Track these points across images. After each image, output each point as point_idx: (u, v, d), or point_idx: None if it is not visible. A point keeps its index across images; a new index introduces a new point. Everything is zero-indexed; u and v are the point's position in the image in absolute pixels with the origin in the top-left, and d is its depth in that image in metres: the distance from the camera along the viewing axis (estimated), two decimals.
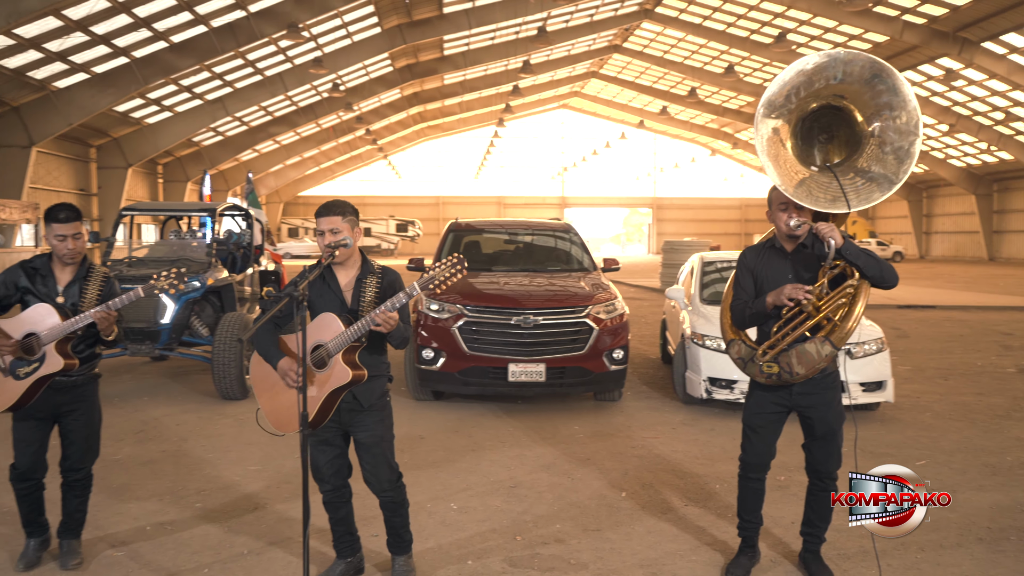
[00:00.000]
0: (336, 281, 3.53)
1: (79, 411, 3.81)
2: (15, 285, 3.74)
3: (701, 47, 37.58)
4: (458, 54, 36.69)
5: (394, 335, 3.40)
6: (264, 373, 3.54)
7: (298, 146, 45.74)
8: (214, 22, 24.75)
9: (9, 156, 26.46)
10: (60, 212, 3.72)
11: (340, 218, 3.48)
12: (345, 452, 3.66)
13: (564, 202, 60.96)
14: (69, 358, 3.62)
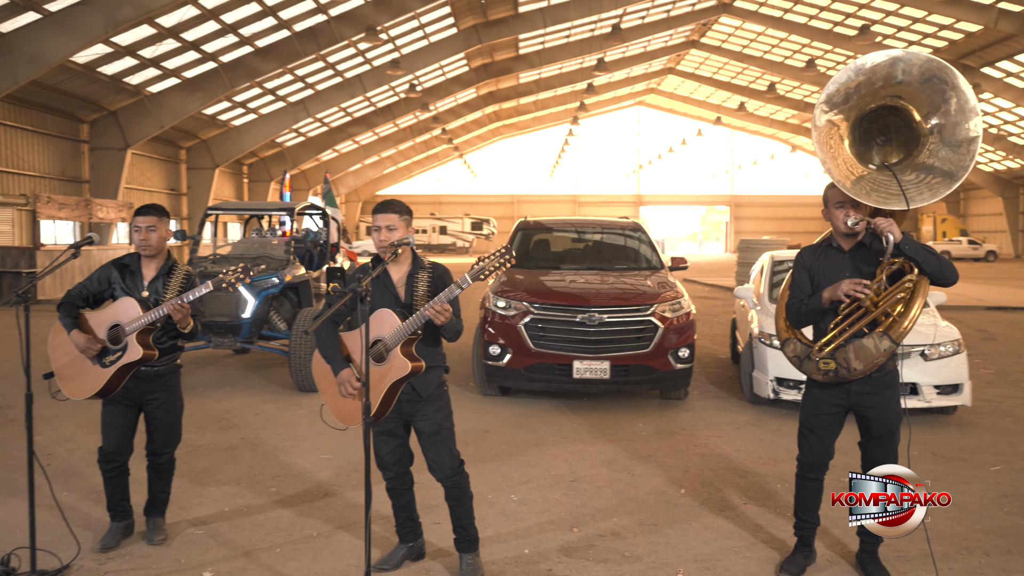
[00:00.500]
0: (390, 277, 3.69)
1: (162, 399, 4.06)
2: (108, 280, 4.03)
3: (781, 41, 36.75)
4: (533, 53, 36.84)
5: (447, 327, 3.52)
6: (324, 370, 3.72)
7: (376, 146, 46.69)
8: (296, 26, 25.54)
9: (107, 158, 27.92)
10: (141, 207, 4.01)
11: (397, 216, 3.64)
12: (406, 442, 3.82)
13: (640, 200, 60.48)
14: (149, 348, 3.86)
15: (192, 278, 4.11)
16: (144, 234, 3.97)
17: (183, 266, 4.14)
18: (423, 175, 59.31)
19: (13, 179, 24.48)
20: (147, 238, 3.97)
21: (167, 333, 4.02)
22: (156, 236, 4.00)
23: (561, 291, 7.40)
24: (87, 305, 4.00)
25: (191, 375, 8.94)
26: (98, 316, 3.91)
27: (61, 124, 26.54)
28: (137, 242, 3.98)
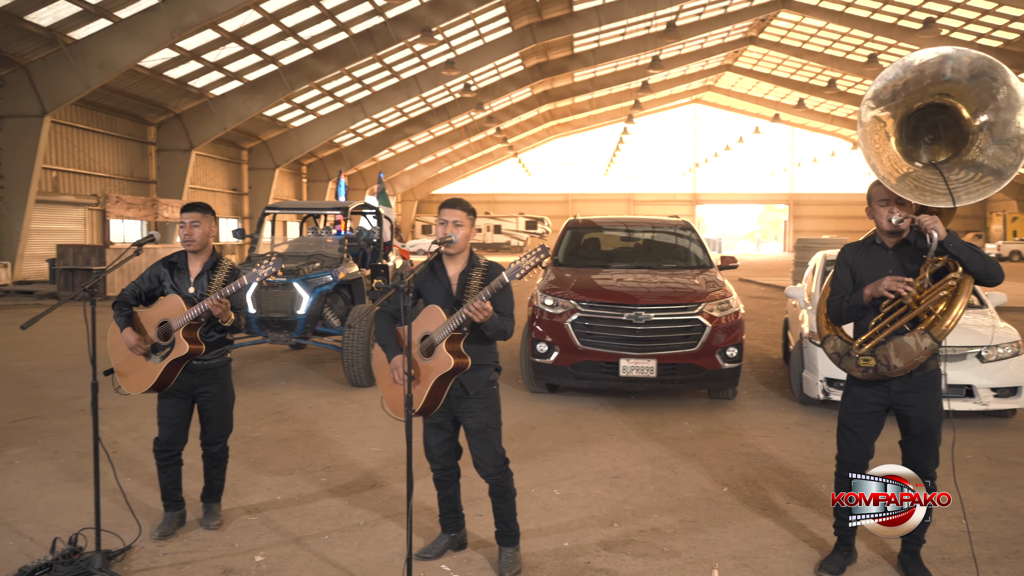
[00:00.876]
0: (445, 273, 3.79)
1: (212, 391, 4.21)
2: (157, 278, 4.18)
3: (843, 36, 35.95)
4: (588, 51, 36.76)
5: (488, 326, 3.58)
6: (381, 363, 3.86)
7: (432, 145, 47.16)
8: (354, 29, 26.01)
9: (172, 159, 28.86)
10: (187, 204, 4.17)
11: (464, 213, 3.74)
12: (455, 436, 3.92)
13: (696, 199, 59.83)
14: (195, 343, 3.99)
15: (235, 272, 4.18)
16: (188, 229, 4.10)
17: (227, 261, 4.25)
18: (478, 174, 59.67)
19: (85, 180, 25.48)
20: (191, 233, 4.10)
21: (213, 327, 4.15)
22: (200, 232, 4.12)
23: (608, 289, 7.44)
24: (139, 303, 4.17)
25: (249, 369, 9.24)
26: (149, 313, 4.08)
27: (130, 126, 27.52)
28: (182, 237, 4.12)
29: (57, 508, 4.57)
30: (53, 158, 23.80)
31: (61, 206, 24.18)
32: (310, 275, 8.28)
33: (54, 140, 23.70)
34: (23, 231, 21.31)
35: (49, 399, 7.47)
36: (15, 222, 21.25)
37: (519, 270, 3.43)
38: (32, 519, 4.40)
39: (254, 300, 8.20)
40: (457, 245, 3.72)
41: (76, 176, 25.05)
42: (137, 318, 4.09)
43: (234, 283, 3.92)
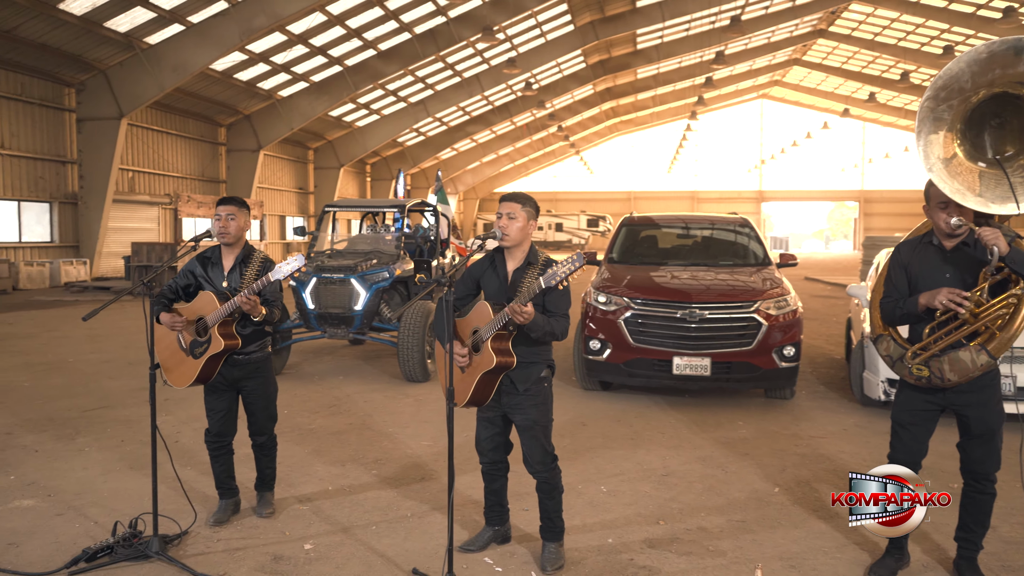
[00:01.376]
0: (504, 268, 3.79)
1: (253, 385, 4.29)
2: (192, 274, 4.24)
3: (917, 27, 34.75)
4: (651, 47, 36.41)
5: (532, 328, 3.55)
6: (442, 354, 3.91)
7: (494, 144, 47.39)
8: (417, 29, 26.33)
9: (241, 159, 29.69)
10: (223, 198, 4.24)
11: (520, 206, 3.72)
12: (505, 432, 3.93)
13: (761, 196, 58.67)
14: (230, 338, 4.06)
15: (268, 264, 4.19)
16: (224, 222, 4.15)
17: (260, 253, 4.27)
18: (539, 172, 59.66)
19: (159, 180, 26.42)
20: (226, 226, 4.15)
21: (248, 321, 4.18)
22: (235, 225, 4.17)
23: (662, 286, 7.37)
24: (178, 299, 4.26)
25: (309, 364, 9.45)
26: (186, 310, 4.17)
27: (201, 128, 28.42)
28: (217, 230, 4.15)
29: (120, 494, 4.76)
30: (129, 159, 24.74)
31: (136, 205, 25.14)
32: (367, 271, 8.43)
33: (130, 142, 24.64)
34: (101, 229, 22.24)
35: (118, 390, 7.78)
36: (94, 221, 22.19)
37: (555, 277, 3.40)
38: (97, 503, 4.60)
39: (312, 296, 8.39)
40: (510, 239, 3.70)
41: (150, 176, 25.99)
42: (177, 313, 4.18)
43: (261, 279, 3.96)
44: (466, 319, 3.76)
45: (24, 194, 21.07)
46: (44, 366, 9.15)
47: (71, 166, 22.40)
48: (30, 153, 21.08)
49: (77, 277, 21.29)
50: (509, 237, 3.71)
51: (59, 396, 7.54)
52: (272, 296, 4.17)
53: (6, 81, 20.20)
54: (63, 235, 22.36)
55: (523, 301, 3.47)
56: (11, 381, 8.27)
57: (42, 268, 20.53)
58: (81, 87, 21.91)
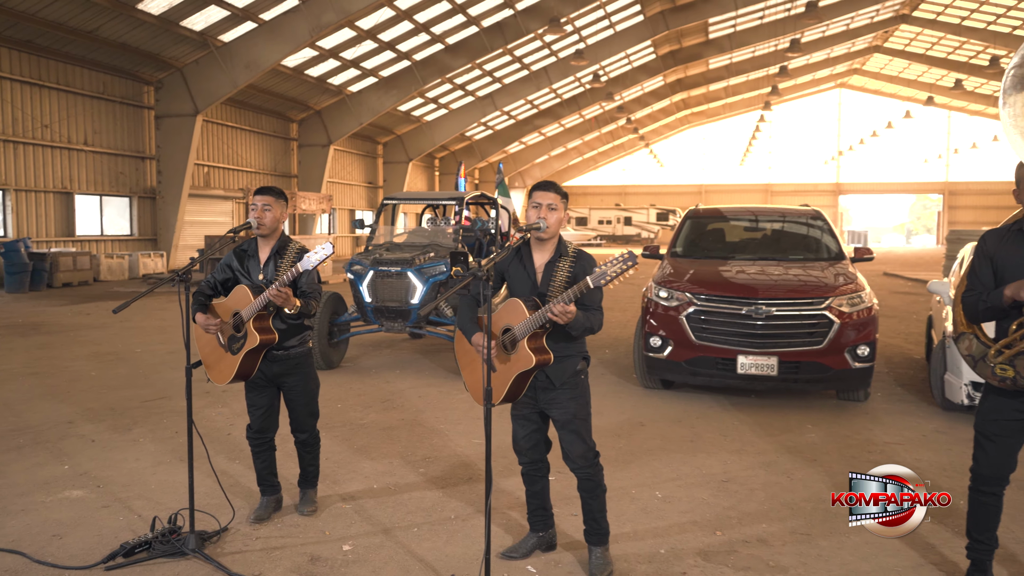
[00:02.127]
0: (532, 261, 3.61)
1: (294, 381, 4.18)
2: (229, 267, 4.15)
3: (1009, 10, 32.94)
4: (724, 37, 35.53)
5: (573, 326, 3.37)
6: (464, 349, 3.76)
7: (562, 137, 47.08)
8: (484, 22, 26.25)
9: (312, 154, 30.17)
10: (260, 188, 4.13)
11: (558, 196, 3.54)
12: (543, 428, 3.75)
13: (838, 188, 56.76)
14: (266, 333, 3.94)
15: (302, 255, 4.03)
16: (259, 212, 4.04)
17: (295, 244, 4.13)
18: (608, 166, 59.08)
19: (233, 174, 27.05)
20: (261, 216, 4.04)
21: (282, 316, 4.04)
22: (270, 216, 4.06)
23: (727, 282, 7.05)
24: (216, 293, 4.19)
25: (367, 357, 9.43)
26: (223, 305, 4.08)
27: (274, 123, 28.98)
28: (252, 218, 4.05)
29: (167, 487, 4.75)
30: (204, 154, 25.39)
31: (211, 199, 25.79)
32: (424, 265, 8.33)
33: (205, 137, 25.27)
34: (177, 223, 22.88)
35: (178, 382, 7.86)
36: (171, 215, 22.85)
37: (604, 276, 3.19)
38: (143, 496, 4.59)
39: (369, 289, 8.33)
40: (549, 231, 3.53)
41: (224, 171, 26.63)
42: (215, 310, 4.12)
43: (291, 270, 3.83)
44: (495, 316, 3.58)
45: (105, 189, 21.82)
46: (112, 356, 9.36)
47: (150, 162, 23.10)
48: (111, 149, 21.80)
49: (154, 269, 21.96)
50: (549, 229, 3.53)
51: (122, 386, 7.67)
52: (309, 288, 4.05)
53: (89, 80, 20.93)
54: (142, 228, 23.09)
55: (567, 301, 3.28)
56: (80, 370, 8.48)
57: (121, 260, 21.23)
58: (159, 85, 22.56)
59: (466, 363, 3.77)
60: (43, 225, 20.04)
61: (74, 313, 13.54)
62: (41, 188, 19.83)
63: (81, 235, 21.23)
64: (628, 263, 3.13)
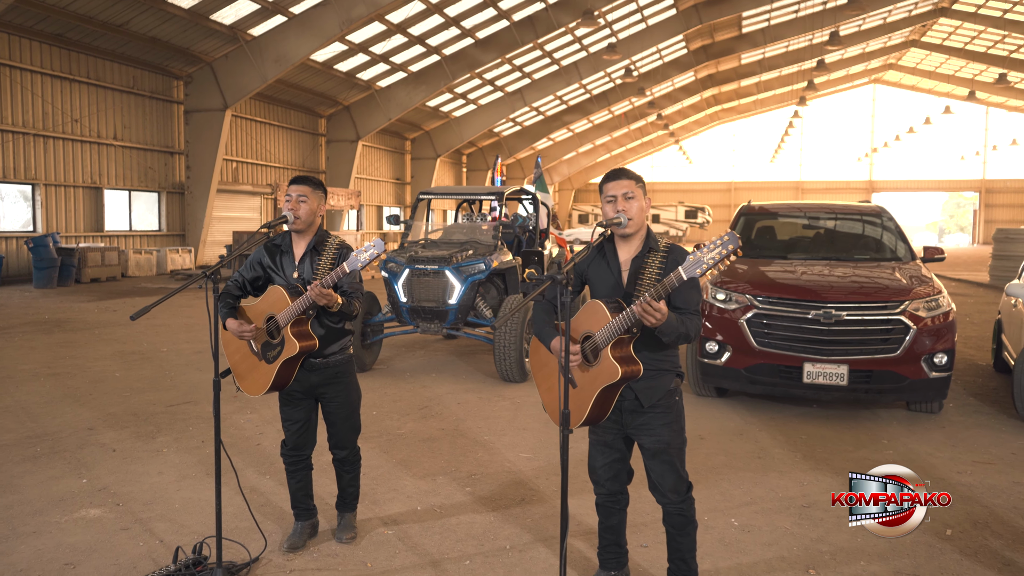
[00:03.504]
0: (616, 258, 3.14)
1: (334, 393, 3.76)
2: (259, 264, 3.73)
3: None
4: (757, 31, 34.75)
5: (665, 330, 2.90)
6: (541, 360, 3.30)
7: (590, 134, 46.49)
8: (515, 16, 25.77)
9: (340, 149, 29.89)
10: (297, 177, 3.69)
11: (634, 183, 3.09)
12: (626, 457, 3.28)
13: (872, 186, 55.60)
14: (306, 339, 3.54)
15: (344, 250, 3.65)
16: (294, 204, 3.61)
17: (335, 238, 3.70)
18: (636, 162, 58.33)
19: (261, 170, 26.82)
20: (296, 208, 3.60)
21: (329, 317, 3.66)
22: (306, 208, 3.62)
23: (790, 284, 6.53)
24: (245, 294, 3.77)
25: (400, 359, 9.01)
26: (255, 308, 3.64)
27: (302, 119, 28.72)
28: (287, 213, 3.61)
29: (192, 506, 4.35)
30: (233, 150, 25.18)
31: (239, 195, 25.57)
32: (462, 263, 7.90)
33: (234, 133, 25.05)
34: (206, 218, 22.67)
35: (205, 384, 7.51)
36: (199, 210, 22.65)
37: (699, 265, 2.70)
38: (166, 517, 4.19)
39: (405, 288, 7.91)
40: (632, 224, 3.06)
41: (253, 166, 26.41)
42: (243, 313, 3.69)
43: (336, 270, 3.37)
44: (574, 321, 3.11)
45: (134, 184, 21.64)
46: (137, 356, 9.04)
47: (178, 156, 22.91)
48: (140, 144, 21.62)
49: (182, 265, 21.76)
50: (633, 221, 3.06)
51: (146, 388, 7.32)
52: (351, 287, 3.62)
53: (119, 74, 20.74)
54: (170, 224, 22.91)
55: (657, 296, 2.81)
56: (103, 371, 8.15)
57: (150, 256, 21.05)
58: (188, 79, 22.35)
59: (543, 378, 3.30)
60: (72, 220, 19.89)
61: (100, 310, 13.28)
62: (71, 183, 19.68)
63: (110, 230, 21.08)
64: (728, 247, 2.62)
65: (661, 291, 2.81)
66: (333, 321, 3.70)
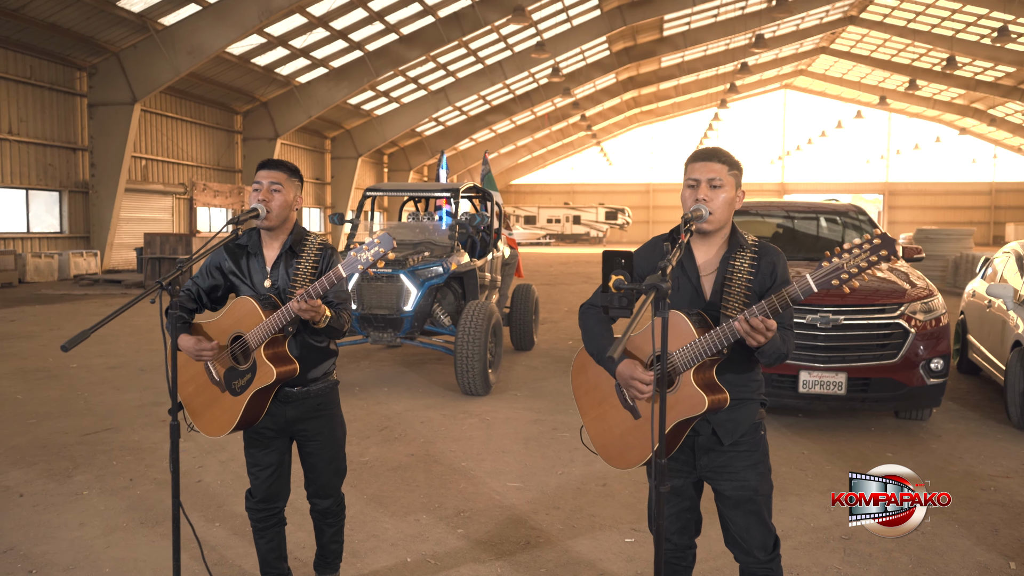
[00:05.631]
0: (693, 260, 2.53)
1: (316, 429, 3.03)
2: (219, 270, 2.98)
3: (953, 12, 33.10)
4: (678, 34, 35.04)
5: (767, 350, 2.34)
6: (589, 382, 2.65)
7: (512, 134, 46.17)
8: (441, 12, 25.07)
9: (258, 148, 28.51)
10: (266, 160, 2.96)
11: (725, 168, 2.47)
12: (696, 505, 2.66)
13: (783, 188, 57.16)
14: (284, 364, 2.82)
15: (329, 252, 2.96)
16: (265, 193, 2.87)
17: (316, 238, 2.99)
18: (556, 164, 58.43)
19: (173, 168, 25.27)
20: (268, 199, 2.87)
21: (312, 335, 2.94)
22: (280, 199, 2.89)
23: None
24: (201, 308, 3.04)
25: (345, 371, 8.21)
26: (215, 325, 2.89)
27: (217, 115, 27.25)
28: (258, 206, 2.87)
29: (127, 567, 3.54)
30: (142, 146, 23.60)
31: (150, 195, 23.98)
32: (418, 266, 7.20)
33: (143, 128, 23.49)
34: (113, 219, 21.10)
35: (125, 405, 6.58)
36: (105, 210, 21.05)
37: (837, 273, 2.15)
38: None
39: (355, 294, 7.15)
40: (714, 220, 2.45)
41: (164, 164, 24.84)
42: (201, 331, 2.92)
43: (327, 276, 2.66)
44: (638, 340, 2.50)
45: (32, 182, 19.94)
46: (42, 373, 7.97)
47: (82, 153, 21.25)
48: (39, 139, 19.93)
49: (87, 270, 20.16)
50: (715, 216, 2.45)
51: (55, 413, 6.34)
52: (337, 296, 2.91)
53: (14, 63, 19.05)
54: (73, 225, 21.22)
55: (772, 311, 2.24)
56: (2, 392, 7.09)
57: (50, 260, 19.42)
58: (93, 71, 20.74)
59: (592, 404, 2.65)
60: None
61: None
62: None
63: (4, 232, 19.33)
64: (880, 251, 2.10)
65: (778, 304, 2.24)
66: (317, 340, 2.98)
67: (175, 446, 2.65)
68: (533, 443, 5.59)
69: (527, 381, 7.74)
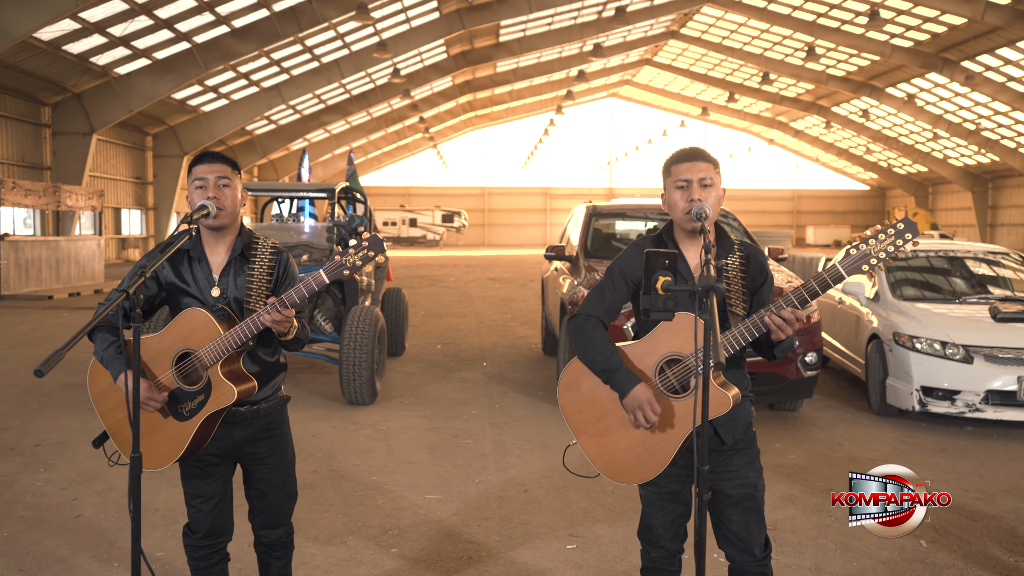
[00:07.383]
0: (686, 263, 2.51)
1: (266, 451, 2.73)
2: (155, 280, 2.64)
3: (762, 32, 35.93)
4: (514, 40, 35.67)
5: (789, 342, 2.39)
6: (584, 399, 2.54)
7: (348, 135, 45.15)
8: (276, 6, 24.04)
9: (70, 143, 26.07)
10: (204, 154, 2.66)
11: (711, 166, 2.49)
12: (690, 511, 2.62)
13: (611, 193, 59.71)
14: (243, 381, 2.55)
15: (283, 256, 2.71)
16: (213, 188, 2.56)
17: (267, 241, 2.70)
18: (392, 166, 57.83)
19: None
20: (220, 196, 2.56)
21: (265, 350, 2.69)
22: (231, 195, 2.59)
23: None
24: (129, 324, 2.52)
25: None
26: (157, 342, 2.55)
27: (21, 107, 24.67)
28: (207, 203, 2.55)
29: None
30: None
31: None
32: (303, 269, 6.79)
33: None
34: None
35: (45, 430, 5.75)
36: None
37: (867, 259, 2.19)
38: None
39: None
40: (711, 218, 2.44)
41: None
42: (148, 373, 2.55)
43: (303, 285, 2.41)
44: (645, 343, 2.45)
45: None
46: None
47: None
48: None
49: None
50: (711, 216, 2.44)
51: None
52: (300, 306, 2.58)
53: None
54: None
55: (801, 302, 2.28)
56: None
57: None
58: None
59: (589, 421, 2.54)
60: None
61: None
62: None
63: None
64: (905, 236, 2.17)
65: (806, 294, 2.25)
66: (267, 353, 2.69)
67: (136, 481, 2.27)
68: (439, 452, 5.41)
69: (409, 388, 7.51)
